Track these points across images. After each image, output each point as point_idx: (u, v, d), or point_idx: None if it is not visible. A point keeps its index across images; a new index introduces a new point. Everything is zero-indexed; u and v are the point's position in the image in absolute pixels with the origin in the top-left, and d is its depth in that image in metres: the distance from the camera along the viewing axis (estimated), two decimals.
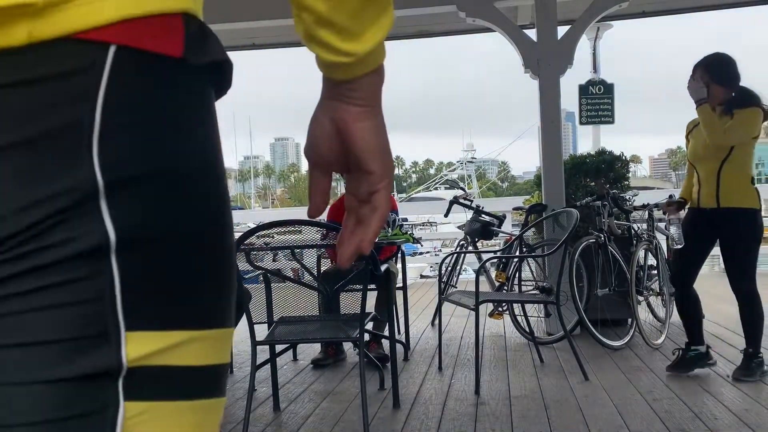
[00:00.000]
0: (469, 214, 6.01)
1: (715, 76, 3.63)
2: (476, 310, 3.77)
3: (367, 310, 3.15)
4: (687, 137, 3.91)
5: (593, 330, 4.50)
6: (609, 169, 5.53)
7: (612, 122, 6.83)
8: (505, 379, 3.87)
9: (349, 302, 3.73)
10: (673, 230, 4.25)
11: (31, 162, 0.44)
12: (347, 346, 4.60)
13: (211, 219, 0.53)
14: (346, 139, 0.64)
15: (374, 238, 0.66)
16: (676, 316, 5.07)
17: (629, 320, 4.90)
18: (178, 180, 0.49)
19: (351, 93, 0.64)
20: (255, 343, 3.11)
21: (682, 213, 3.98)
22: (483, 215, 5.95)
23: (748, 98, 3.62)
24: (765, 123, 3.70)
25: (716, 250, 3.90)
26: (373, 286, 3.86)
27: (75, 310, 0.46)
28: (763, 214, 3.92)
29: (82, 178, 0.45)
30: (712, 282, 7.93)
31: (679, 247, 4.36)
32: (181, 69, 0.50)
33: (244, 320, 3.92)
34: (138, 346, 0.49)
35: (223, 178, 0.54)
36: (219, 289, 0.55)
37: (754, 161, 3.67)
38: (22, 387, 0.46)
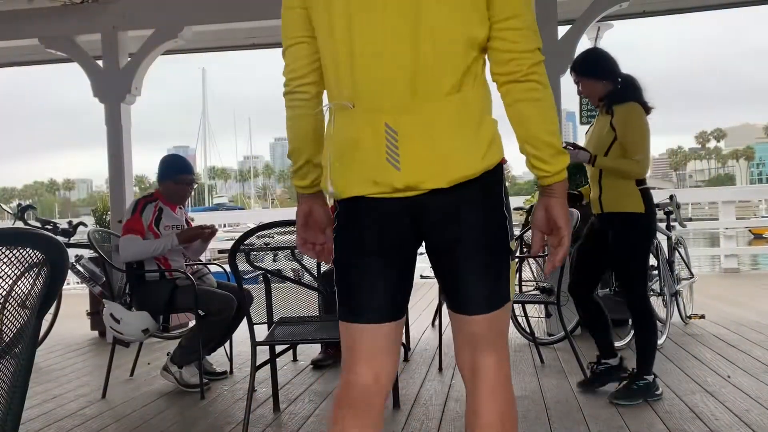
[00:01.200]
0: None
1: (589, 72, 3.38)
2: None
3: None
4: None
5: None
6: None
7: None
8: None
9: None
10: None
11: (487, 207, 1.46)
12: None
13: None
14: (548, 213, 1.49)
15: (558, 262, 1.49)
16: (677, 317, 5.09)
17: (630, 321, 4.90)
18: (507, 207, 1.51)
19: (551, 191, 1.48)
20: (255, 344, 3.11)
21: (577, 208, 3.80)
22: None
23: (629, 91, 3.32)
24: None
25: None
26: None
27: (500, 216, 1.49)
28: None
29: (503, 210, 1.48)
30: (711, 282, 7.93)
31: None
32: (503, 166, 1.49)
33: (244, 321, 3.92)
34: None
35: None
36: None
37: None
38: (478, 259, 1.46)
